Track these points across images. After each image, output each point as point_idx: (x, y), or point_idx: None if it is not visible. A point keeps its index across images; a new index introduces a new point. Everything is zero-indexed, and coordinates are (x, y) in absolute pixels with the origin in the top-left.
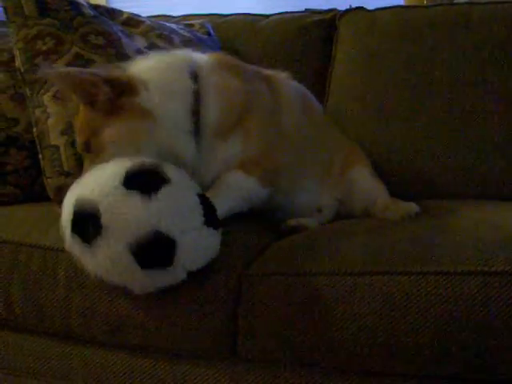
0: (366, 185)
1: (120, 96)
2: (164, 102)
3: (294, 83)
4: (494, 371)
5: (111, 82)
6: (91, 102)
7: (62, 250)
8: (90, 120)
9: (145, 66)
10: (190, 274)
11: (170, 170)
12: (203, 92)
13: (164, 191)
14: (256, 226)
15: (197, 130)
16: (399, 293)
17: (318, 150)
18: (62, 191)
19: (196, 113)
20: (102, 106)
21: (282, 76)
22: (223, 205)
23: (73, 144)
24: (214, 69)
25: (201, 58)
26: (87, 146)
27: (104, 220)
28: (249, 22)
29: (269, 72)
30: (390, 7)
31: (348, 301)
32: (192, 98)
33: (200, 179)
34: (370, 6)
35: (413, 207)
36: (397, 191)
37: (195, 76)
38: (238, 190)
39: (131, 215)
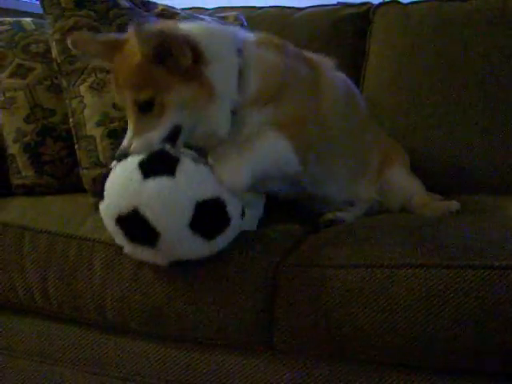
0: (403, 183)
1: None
2: (223, 79)
3: (339, 73)
4: None
5: (193, 48)
6: (163, 61)
7: (98, 241)
8: (159, 78)
9: (204, 37)
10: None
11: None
12: (245, 68)
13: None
14: (293, 219)
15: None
16: (437, 286)
17: (355, 144)
18: (97, 182)
19: (239, 88)
20: (178, 67)
21: (325, 61)
22: (252, 165)
23: (109, 135)
24: (257, 45)
25: (246, 34)
26: (147, 105)
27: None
28: (282, 15)
29: (312, 55)
30: (424, 0)
31: (385, 293)
32: (238, 74)
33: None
34: None
35: (453, 205)
36: (433, 184)
37: (240, 51)
38: (268, 150)
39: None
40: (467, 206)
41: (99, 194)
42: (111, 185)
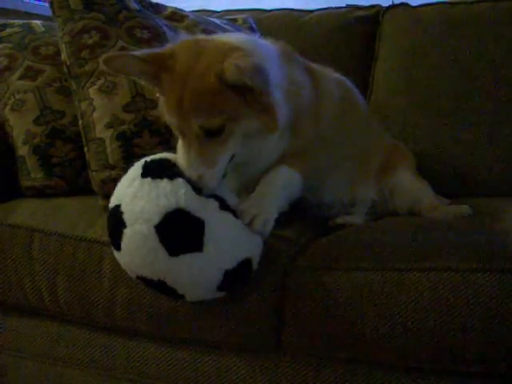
0: (409, 185)
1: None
2: (282, 109)
3: (338, 79)
4: None
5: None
6: (240, 88)
7: (107, 243)
8: (232, 104)
9: (270, 65)
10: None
11: None
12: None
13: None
14: (302, 222)
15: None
16: (446, 289)
17: (353, 149)
18: (107, 184)
19: None
20: (255, 99)
21: (326, 73)
22: (276, 204)
23: (118, 137)
24: (282, 61)
25: (271, 51)
26: (216, 130)
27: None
28: (291, 18)
29: (315, 67)
30: (434, 3)
31: (394, 296)
32: None
33: (248, 172)
34: (414, 2)
35: (464, 209)
36: (442, 187)
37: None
38: (288, 188)
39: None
40: (476, 209)
41: (113, 244)
42: (129, 247)
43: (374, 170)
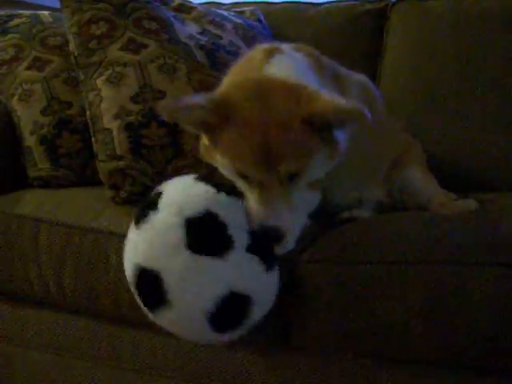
0: (419, 183)
1: None
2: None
3: (361, 82)
4: None
5: None
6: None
7: (114, 234)
8: (315, 143)
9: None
10: None
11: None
12: None
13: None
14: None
15: None
16: (453, 283)
17: (368, 155)
18: (114, 175)
19: None
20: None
21: (352, 78)
22: (300, 224)
23: (126, 128)
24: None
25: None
26: (293, 174)
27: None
28: (299, 11)
29: (340, 72)
30: None
31: (401, 290)
32: None
33: None
34: None
35: (471, 204)
36: (449, 183)
37: None
38: (309, 209)
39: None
40: (483, 204)
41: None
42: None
43: (384, 170)
